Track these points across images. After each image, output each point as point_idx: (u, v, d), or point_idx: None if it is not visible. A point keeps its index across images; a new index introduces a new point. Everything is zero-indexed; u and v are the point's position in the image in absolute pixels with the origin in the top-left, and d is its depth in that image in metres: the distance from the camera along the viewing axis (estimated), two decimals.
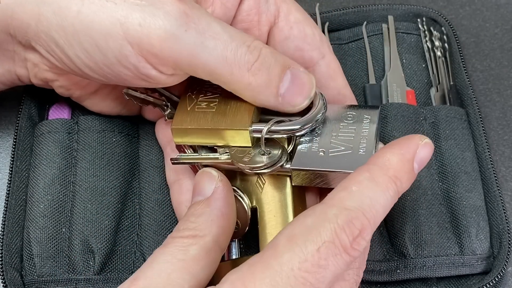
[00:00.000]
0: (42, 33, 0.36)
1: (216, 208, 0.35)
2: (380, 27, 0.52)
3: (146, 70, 0.35)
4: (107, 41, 0.34)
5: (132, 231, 0.43)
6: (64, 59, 0.37)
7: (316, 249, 0.30)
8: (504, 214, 0.44)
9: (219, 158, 0.38)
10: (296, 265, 0.30)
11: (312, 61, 0.42)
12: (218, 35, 0.35)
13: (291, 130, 0.37)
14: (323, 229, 0.30)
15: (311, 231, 0.30)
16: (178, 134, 0.38)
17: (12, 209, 0.42)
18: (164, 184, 0.44)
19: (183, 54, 0.34)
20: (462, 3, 0.57)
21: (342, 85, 0.42)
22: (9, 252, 0.41)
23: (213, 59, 0.35)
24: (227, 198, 0.36)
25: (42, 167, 0.42)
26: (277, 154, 0.37)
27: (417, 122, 0.46)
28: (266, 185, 0.38)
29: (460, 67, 0.50)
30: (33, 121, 0.46)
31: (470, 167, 0.45)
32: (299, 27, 0.41)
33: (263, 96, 0.36)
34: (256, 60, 0.35)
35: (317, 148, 0.37)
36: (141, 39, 0.34)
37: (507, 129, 0.50)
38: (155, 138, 0.45)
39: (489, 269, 0.42)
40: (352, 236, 0.30)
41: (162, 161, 0.45)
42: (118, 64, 0.35)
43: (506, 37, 0.55)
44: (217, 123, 0.37)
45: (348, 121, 0.38)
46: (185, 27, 0.34)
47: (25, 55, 0.39)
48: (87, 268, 0.40)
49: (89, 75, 0.37)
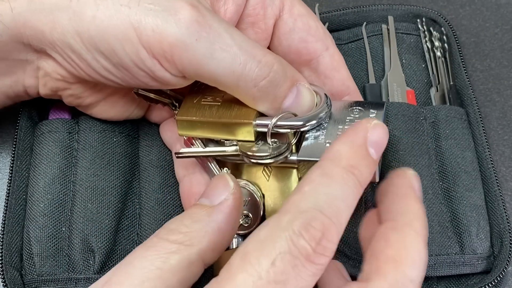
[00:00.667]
0: (58, 40, 0.36)
1: (216, 221, 0.33)
2: (380, 27, 0.52)
3: (161, 73, 0.36)
4: (123, 45, 0.35)
5: (132, 231, 0.43)
6: (81, 64, 0.37)
7: (270, 264, 0.27)
8: (504, 214, 0.44)
9: (226, 151, 0.38)
10: (250, 285, 0.27)
11: (316, 52, 0.42)
12: (228, 47, 0.35)
13: (295, 126, 0.37)
14: (277, 239, 0.28)
15: (264, 244, 0.28)
16: (183, 126, 0.39)
17: (12, 208, 0.42)
18: (164, 183, 0.44)
19: (192, 62, 0.35)
20: (462, 3, 0.57)
21: (346, 77, 0.43)
22: (9, 251, 0.41)
23: (220, 71, 0.35)
24: (232, 215, 0.33)
25: (42, 167, 0.43)
26: (284, 145, 0.37)
27: (417, 122, 0.46)
28: (272, 175, 0.39)
29: (460, 67, 0.50)
30: (33, 120, 0.46)
31: (470, 167, 0.45)
32: (302, 19, 0.41)
33: (264, 108, 0.37)
34: (265, 78, 0.35)
35: (324, 140, 0.37)
36: (154, 44, 0.34)
37: (507, 129, 0.50)
38: (155, 138, 0.45)
39: (489, 268, 0.42)
40: (314, 241, 0.28)
41: (162, 161, 0.45)
42: (134, 67, 0.36)
43: (506, 37, 0.55)
44: (221, 116, 0.37)
45: (355, 115, 0.38)
46: (196, 36, 0.34)
47: (38, 64, 0.39)
48: (87, 267, 0.40)
49: (107, 77, 0.37)
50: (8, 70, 0.40)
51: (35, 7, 0.36)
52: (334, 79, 0.42)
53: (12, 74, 0.40)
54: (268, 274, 0.27)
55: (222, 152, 0.39)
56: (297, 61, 0.42)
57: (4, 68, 0.39)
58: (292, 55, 0.42)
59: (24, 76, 0.40)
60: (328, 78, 0.42)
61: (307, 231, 0.28)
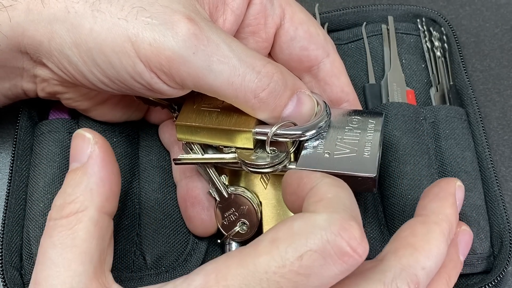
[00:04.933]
0: (55, 51, 0.36)
1: (94, 174, 0.32)
2: (380, 27, 0.52)
3: (158, 85, 0.36)
4: (120, 59, 0.35)
5: (132, 230, 0.43)
6: (76, 76, 0.37)
7: (297, 256, 0.28)
8: (504, 214, 0.44)
9: (224, 158, 0.38)
10: (272, 269, 0.28)
11: (317, 59, 0.42)
12: (227, 59, 0.35)
13: (294, 135, 0.37)
14: (311, 236, 0.28)
15: (296, 236, 0.29)
16: (182, 131, 0.39)
17: (12, 208, 0.42)
18: (163, 183, 0.44)
19: (190, 75, 0.35)
20: (462, 3, 0.57)
21: (345, 83, 0.43)
22: (9, 251, 0.40)
23: (218, 83, 0.35)
24: (106, 161, 0.33)
25: (42, 167, 0.43)
26: (282, 154, 0.37)
27: (417, 122, 0.46)
28: (270, 183, 0.39)
29: (459, 67, 0.50)
30: (33, 120, 0.46)
31: (470, 167, 0.45)
32: (303, 27, 0.42)
33: (264, 116, 0.37)
34: (265, 89, 0.35)
35: (323, 150, 0.37)
36: (151, 58, 0.34)
37: (507, 129, 0.50)
38: (155, 139, 0.46)
39: (489, 268, 0.42)
40: (355, 240, 0.28)
41: (162, 162, 0.45)
42: (131, 79, 0.36)
43: (506, 37, 0.55)
44: (221, 122, 0.37)
45: (353, 125, 0.39)
46: (193, 50, 0.34)
47: (34, 72, 0.39)
48: None
49: (102, 89, 0.37)
50: (6, 76, 0.40)
51: (33, 18, 0.36)
52: (333, 85, 0.42)
53: (10, 79, 0.40)
54: (292, 265, 0.28)
55: (221, 160, 0.38)
56: (298, 68, 0.42)
57: (2, 74, 0.39)
58: (293, 62, 0.42)
59: (22, 81, 0.40)
60: (328, 85, 0.42)
61: (346, 230, 0.28)
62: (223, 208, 0.41)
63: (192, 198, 0.41)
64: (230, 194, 0.40)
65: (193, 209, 0.41)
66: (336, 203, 0.30)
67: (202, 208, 0.41)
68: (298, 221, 0.29)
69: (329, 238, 0.28)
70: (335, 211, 0.29)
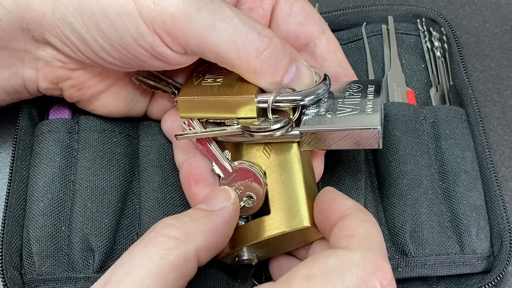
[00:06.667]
0: (59, 21, 0.36)
1: (214, 223, 0.34)
2: (380, 27, 0.52)
3: (161, 49, 0.36)
4: (123, 20, 0.35)
5: (132, 230, 0.43)
6: (80, 46, 0.37)
7: None
8: (504, 214, 0.44)
9: (226, 129, 0.38)
10: None
11: (313, 35, 0.42)
12: (229, 18, 0.35)
13: (294, 100, 0.37)
14: (347, 274, 0.29)
15: (332, 274, 0.29)
16: (184, 107, 0.39)
17: (12, 208, 0.42)
18: (163, 183, 0.44)
19: (194, 34, 0.35)
20: (462, 3, 0.57)
21: (342, 59, 0.43)
22: (9, 251, 0.40)
23: (222, 42, 0.35)
24: (229, 221, 0.35)
25: (42, 166, 0.43)
26: (285, 119, 0.37)
27: (417, 122, 0.46)
28: (273, 151, 0.39)
29: (459, 67, 0.50)
30: (33, 120, 0.46)
31: (470, 167, 0.45)
32: (299, 4, 0.42)
33: (265, 82, 0.37)
34: (266, 49, 0.36)
35: (325, 112, 0.37)
36: (155, 17, 0.35)
37: (507, 129, 0.50)
38: (155, 139, 0.45)
39: (489, 268, 0.42)
40: (386, 280, 0.29)
41: (162, 161, 0.45)
42: (134, 43, 0.36)
43: (506, 37, 0.55)
44: (223, 93, 0.38)
45: (353, 90, 0.39)
46: (197, 6, 0.35)
47: (36, 54, 0.39)
48: (86, 267, 0.40)
49: (106, 59, 0.37)
50: (7, 61, 0.40)
51: None
52: (331, 60, 0.43)
53: (10, 66, 0.40)
54: None
55: (223, 131, 0.38)
56: (295, 45, 0.42)
57: (3, 59, 0.39)
58: (290, 40, 0.42)
59: (23, 68, 0.40)
60: (325, 60, 0.43)
61: (379, 270, 0.29)
62: (227, 184, 0.40)
63: (196, 175, 0.41)
64: (234, 168, 0.40)
65: (197, 187, 0.40)
66: (370, 241, 0.31)
67: (207, 184, 0.40)
68: (333, 258, 0.30)
69: (365, 277, 0.29)
70: (368, 249, 0.30)
